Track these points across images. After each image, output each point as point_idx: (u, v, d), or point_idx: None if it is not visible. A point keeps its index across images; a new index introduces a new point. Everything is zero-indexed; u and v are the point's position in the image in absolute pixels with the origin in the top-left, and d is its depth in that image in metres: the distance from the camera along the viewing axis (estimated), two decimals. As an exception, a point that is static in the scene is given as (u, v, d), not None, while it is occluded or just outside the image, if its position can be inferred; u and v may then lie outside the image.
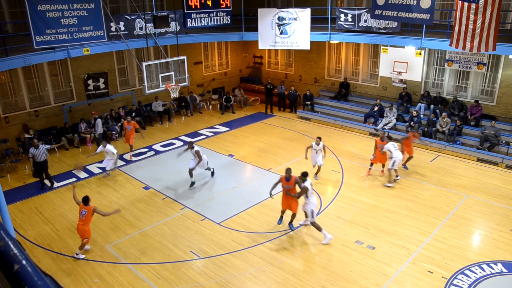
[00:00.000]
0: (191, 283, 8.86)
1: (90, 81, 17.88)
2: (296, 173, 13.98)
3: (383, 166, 14.05)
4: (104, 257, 9.65)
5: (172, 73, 14.57)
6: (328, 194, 12.81)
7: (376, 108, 18.63)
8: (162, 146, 16.95)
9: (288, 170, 10.47)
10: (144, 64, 13.77)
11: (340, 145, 16.94)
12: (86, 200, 9.55)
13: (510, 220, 11.41)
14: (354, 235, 10.56)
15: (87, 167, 14.79)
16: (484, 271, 9.35)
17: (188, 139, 17.44)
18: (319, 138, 13.13)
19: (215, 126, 19.27)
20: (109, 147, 13.52)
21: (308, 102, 20.64)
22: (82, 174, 14.27)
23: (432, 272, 9.20)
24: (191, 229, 10.87)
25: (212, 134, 18.28)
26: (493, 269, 9.43)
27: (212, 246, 10.13)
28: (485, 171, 14.55)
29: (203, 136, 17.95)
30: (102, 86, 18.27)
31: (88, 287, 8.72)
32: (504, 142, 15.58)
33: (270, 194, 10.69)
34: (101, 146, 13.68)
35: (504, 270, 9.41)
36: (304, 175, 10.24)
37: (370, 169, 14.18)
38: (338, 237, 10.52)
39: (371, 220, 11.31)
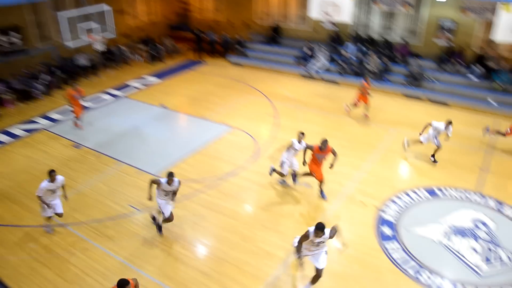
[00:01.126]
0: (133, 237, 8.81)
1: (2, 37, 16.36)
2: (228, 119, 14.04)
3: (367, 109, 14.29)
4: (39, 221, 9.28)
5: (95, 23, 13.67)
6: (265, 137, 12.99)
7: (307, 51, 18.74)
8: (89, 101, 16.16)
9: (325, 142, 9.48)
10: (61, 14, 12.76)
11: (274, 88, 17.05)
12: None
13: (433, 150, 12.23)
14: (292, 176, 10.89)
15: (8, 130, 13.85)
16: (410, 197, 10.10)
17: (117, 93, 16.76)
18: (302, 134, 10.20)
19: (145, 77, 18.60)
20: None
21: (240, 47, 20.35)
22: (5, 138, 13.36)
23: (365, 204, 9.78)
24: (128, 184, 10.68)
25: (142, 85, 17.66)
26: (417, 194, 10.20)
27: (151, 199, 10.06)
28: (411, 106, 15.34)
29: (133, 88, 17.30)
30: (17, 41, 16.82)
31: (26, 254, 8.40)
32: (428, 77, 16.41)
33: (304, 162, 9.88)
34: None
35: (427, 195, 10.23)
36: (320, 228, 6.69)
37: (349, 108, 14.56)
38: (275, 178, 10.80)
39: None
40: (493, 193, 10.34)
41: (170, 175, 8.23)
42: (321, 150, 9.49)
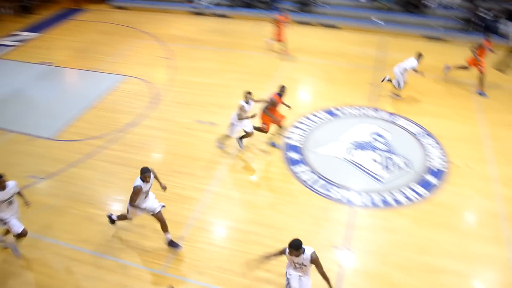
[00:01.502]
0: (40, 208, 8.23)
1: None
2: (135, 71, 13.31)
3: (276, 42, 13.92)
4: None
5: None
6: (163, 81, 12.56)
7: (192, -15, 17.99)
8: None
9: (283, 87, 9.16)
10: None
11: (164, 29, 16.30)
12: None
13: (328, 72, 12.83)
14: (194, 116, 10.78)
15: None
16: (312, 120, 10.58)
17: None
18: (249, 93, 9.07)
19: (18, 33, 16.66)
20: None
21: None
22: None
23: (270, 133, 10.03)
24: (22, 153, 9.84)
25: (16, 42, 15.85)
26: (318, 117, 10.70)
27: (51, 164, 9.38)
28: (303, 32, 15.63)
29: (6, 47, 15.43)
30: None
31: None
32: (317, 2, 16.68)
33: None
34: None
35: (327, 116, 10.77)
36: (293, 246, 5.43)
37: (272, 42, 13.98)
38: (179, 121, 10.64)
39: (207, 98, 11.58)
40: (385, 106, 11.17)
41: (144, 171, 6.56)
42: (281, 96, 9.22)
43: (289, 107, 9.53)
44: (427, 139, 9.93)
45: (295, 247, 5.44)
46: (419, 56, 11.02)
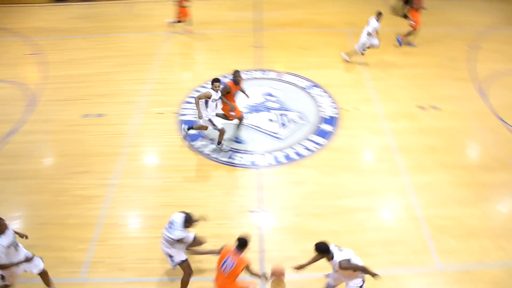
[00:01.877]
0: None
1: None
2: None
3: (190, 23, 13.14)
4: None
5: None
6: (35, 79, 11.45)
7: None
8: None
9: (237, 72, 8.41)
10: None
11: (24, 23, 14.68)
12: (243, 244, 5.28)
13: (209, 41, 12.80)
14: (79, 111, 10.09)
15: None
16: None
17: None
18: (217, 81, 8.30)
19: None
20: None
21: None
22: None
23: (163, 113, 9.77)
24: None
25: None
26: (207, 88, 10.56)
27: None
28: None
29: None
30: None
31: None
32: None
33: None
34: None
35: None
36: (317, 249, 5.21)
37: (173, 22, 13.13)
38: (63, 119, 9.88)
39: (89, 89, 10.89)
40: (270, 65, 11.43)
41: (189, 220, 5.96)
42: (237, 84, 8.57)
43: (247, 96, 9.06)
44: (315, 90, 10.41)
45: (317, 249, 5.13)
46: (379, 15, 10.88)
